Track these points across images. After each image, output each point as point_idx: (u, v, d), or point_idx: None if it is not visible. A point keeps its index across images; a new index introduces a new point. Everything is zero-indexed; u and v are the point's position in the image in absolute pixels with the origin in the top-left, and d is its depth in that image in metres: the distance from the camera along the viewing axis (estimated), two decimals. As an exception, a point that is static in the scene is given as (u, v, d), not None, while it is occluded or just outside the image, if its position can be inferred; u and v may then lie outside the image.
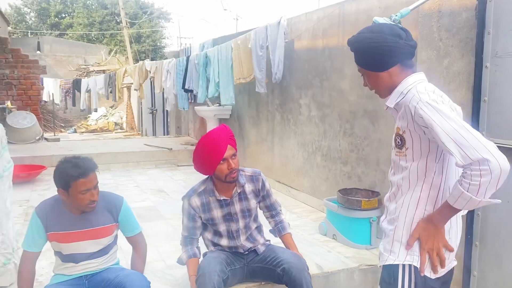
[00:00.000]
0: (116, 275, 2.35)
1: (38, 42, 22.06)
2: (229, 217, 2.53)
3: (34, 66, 7.88)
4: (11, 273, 2.71)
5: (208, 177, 2.55)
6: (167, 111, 10.34)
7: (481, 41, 2.49)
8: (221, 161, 2.35)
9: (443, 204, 1.57)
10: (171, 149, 7.11)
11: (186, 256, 2.55)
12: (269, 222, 2.77)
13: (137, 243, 2.52)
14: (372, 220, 3.36)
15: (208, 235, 2.62)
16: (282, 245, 2.73)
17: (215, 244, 2.61)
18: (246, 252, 2.60)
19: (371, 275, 3.12)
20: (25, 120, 7.26)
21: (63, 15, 32.74)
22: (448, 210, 1.55)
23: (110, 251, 2.41)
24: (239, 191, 2.52)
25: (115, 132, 15.07)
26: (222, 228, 2.54)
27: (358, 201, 3.34)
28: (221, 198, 2.49)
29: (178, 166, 7.02)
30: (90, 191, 2.16)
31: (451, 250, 1.64)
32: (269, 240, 2.75)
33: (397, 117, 1.68)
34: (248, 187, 2.55)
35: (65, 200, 2.22)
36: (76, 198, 2.16)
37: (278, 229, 2.73)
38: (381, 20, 2.15)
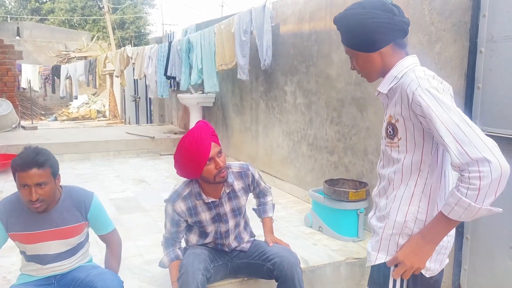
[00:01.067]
0: (87, 273, 2.19)
1: (18, 28, 21.39)
2: (218, 218, 2.35)
3: (10, 51, 7.55)
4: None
5: (191, 179, 2.34)
6: (150, 98, 10.09)
7: (476, 25, 2.36)
8: (208, 162, 2.13)
9: (436, 216, 1.40)
10: (154, 137, 6.91)
11: (168, 260, 2.36)
12: (256, 202, 2.65)
13: (111, 242, 2.34)
14: (360, 212, 3.25)
15: (194, 237, 2.44)
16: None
17: (200, 238, 2.45)
18: (228, 250, 2.45)
19: (358, 268, 3.02)
20: (0, 107, 6.97)
21: (44, 0, 31.84)
22: (443, 223, 1.37)
23: (80, 251, 2.24)
24: (227, 191, 2.32)
25: (98, 120, 14.74)
26: (210, 229, 2.37)
27: (346, 192, 3.22)
28: (209, 201, 2.29)
29: (160, 155, 6.83)
30: (29, 188, 1.93)
31: (421, 269, 1.47)
32: (254, 236, 2.61)
33: (390, 104, 1.51)
34: (238, 185, 2.37)
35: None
36: (20, 193, 1.97)
37: (259, 211, 2.63)
38: (372, 0, 2.01)
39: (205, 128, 2.18)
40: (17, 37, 19.74)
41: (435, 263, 1.50)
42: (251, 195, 2.56)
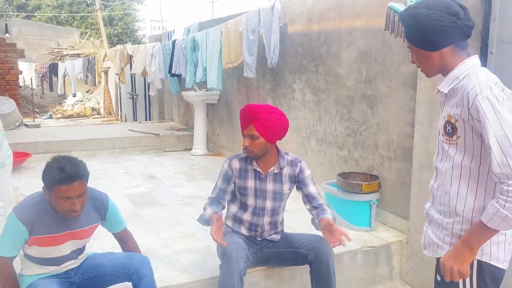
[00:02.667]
0: (109, 259, 2.34)
1: (6, 25, 21.19)
2: (259, 193, 2.55)
3: (12, 49, 7.57)
4: (15, 261, 2.65)
5: None
6: (149, 96, 10.16)
7: (487, 27, 2.55)
8: (243, 135, 2.48)
9: (477, 223, 1.50)
10: (158, 134, 7.02)
11: (211, 211, 2.50)
12: (311, 214, 2.62)
13: (128, 237, 2.48)
14: (372, 203, 3.44)
15: (234, 207, 2.64)
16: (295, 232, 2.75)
17: (236, 219, 2.62)
18: (261, 239, 2.62)
19: (373, 256, 3.20)
20: (4, 105, 7.01)
21: (31, -4, 31.46)
22: (482, 231, 1.48)
23: (84, 250, 2.37)
24: (276, 171, 2.54)
25: (92, 118, 14.74)
26: (251, 201, 2.55)
27: (359, 185, 3.40)
28: (257, 169, 2.53)
29: (165, 151, 6.95)
30: (71, 200, 2.01)
31: (465, 277, 1.56)
32: (283, 229, 2.76)
33: (449, 104, 1.59)
34: (286, 171, 2.57)
35: (48, 201, 2.10)
36: (56, 203, 2.04)
37: (317, 214, 2.51)
38: (397, 5, 2.17)
39: (244, 111, 2.48)
40: (7, 34, 19.56)
41: (505, 253, 1.58)
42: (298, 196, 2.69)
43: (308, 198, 2.59)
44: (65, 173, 1.98)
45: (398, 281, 3.27)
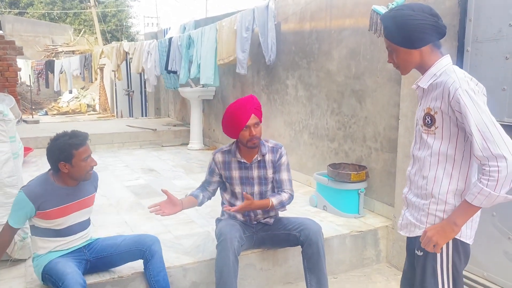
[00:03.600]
0: (122, 239, 2.59)
1: (-1, 21, 21.15)
2: (246, 180, 2.77)
3: (10, 47, 7.71)
4: (29, 247, 2.86)
5: (235, 140, 2.78)
6: (145, 92, 10.34)
7: (463, 27, 2.78)
8: (244, 128, 2.59)
9: (462, 202, 1.68)
10: (156, 129, 7.22)
11: (190, 192, 2.87)
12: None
13: None
14: (360, 192, 3.67)
15: (227, 195, 2.86)
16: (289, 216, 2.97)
17: (231, 206, 2.82)
18: (255, 223, 2.84)
19: (361, 240, 3.43)
20: (3, 102, 7.14)
21: (23, -7, 31.33)
22: (466, 209, 1.66)
23: (90, 223, 2.65)
24: (259, 158, 2.76)
25: (88, 114, 14.87)
26: (238, 190, 2.77)
27: (348, 174, 3.63)
28: (242, 160, 2.74)
29: (162, 146, 7.15)
30: (90, 157, 2.40)
31: (437, 251, 1.74)
32: (277, 213, 2.96)
33: (428, 98, 1.77)
34: (268, 157, 2.78)
35: (67, 173, 2.35)
36: (79, 166, 2.34)
37: (278, 191, 2.81)
38: (380, 8, 2.39)
39: (250, 101, 2.62)
40: (0, 32, 19.56)
41: (471, 230, 1.79)
42: None
43: (277, 183, 2.82)
44: (79, 137, 2.35)
45: (384, 264, 3.51)
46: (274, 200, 2.71)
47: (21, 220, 2.37)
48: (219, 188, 2.92)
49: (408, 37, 1.72)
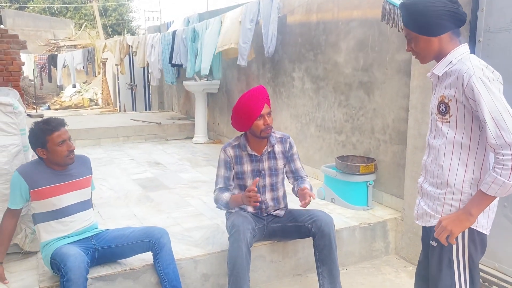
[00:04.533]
0: (131, 231, 2.61)
1: (0, 16, 21.09)
2: (257, 173, 2.76)
3: (14, 41, 7.64)
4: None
5: (242, 134, 2.78)
6: (148, 86, 10.32)
7: (475, 17, 2.76)
8: (258, 117, 2.59)
9: (477, 192, 1.67)
10: (160, 123, 7.21)
11: (228, 194, 2.74)
12: (292, 184, 2.92)
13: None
14: (369, 184, 3.66)
15: (236, 191, 2.83)
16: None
17: None
18: (266, 215, 2.84)
19: (370, 232, 3.43)
20: (8, 96, 7.13)
21: (23, -13, 31.25)
22: (481, 199, 1.65)
23: (90, 208, 2.69)
24: (269, 150, 2.76)
25: (91, 109, 14.86)
26: (249, 183, 2.76)
27: (357, 167, 3.62)
28: (252, 153, 2.74)
29: (167, 140, 7.15)
30: (66, 142, 2.43)
31: (452, 242, 1.72)
32: (287, 205, 2.97)
33: (442, 86, 1.75)
34: (278, 148, 2.79)
35: (46, 158, 2.45)
36: (55, 151, 2.41)
37: (298, 184, 2.83)
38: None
39: (262, 91, 2.64)
40: (1, 26, 19.51)
41: (488, 220, 1.77)
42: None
43: (293, 173, 2.88)
44: (52, 123, 2.44)
45: (393, 256, 3.51)
46: (308, 187, 2.72)
47: (17, 200, 2.45)
48: None
49: (427, 24, 1.70)
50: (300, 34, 4.73)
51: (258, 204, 2.52)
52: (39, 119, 2.53)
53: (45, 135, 2.40)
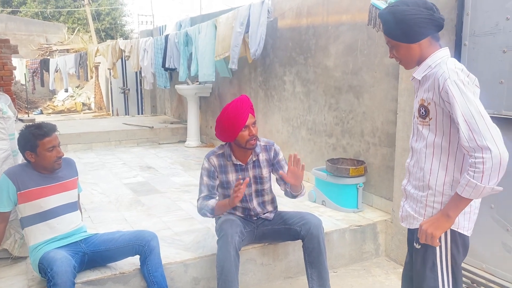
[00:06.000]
0: (120, 234, 2.61)
1: (-8, 20, 20.98)
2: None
3: (5, 45, 7.62)
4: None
5: (226, 143, 2.76)
6: (141, 90, 10.32)
7: (461, 22, 2.79)
8: (243, 128, 2.57)
9: (453, 195, 1.70)
10: (153, 127, 7.21)
11: (213, 201, 2.69)
12: (285, 189, 2.86)
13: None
14: (359, 186, 3.69)
15: (220, 198, 2.83)
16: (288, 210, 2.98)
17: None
18: (256, 218, 2.85)
19: (360, 234, 3.46)
20: (0, 100, 7.11)
21: (16, -9, 31.13)
22: (457, 201, 1.68)
23: (77, 208, 2.69)
24: (254, 159, 2.75)
25: (83, 113, 14.81)
26: None
27: (347, 169, 3.64)
28: (237, 163, 2.72)
29: (159, 144, 7.15)
30: (55, 148, 2.47)
31: (434, 244, 1.77)
32: (277, 207, 2.97)
33: (422, 89, 1.79)
34: (262, 156, 2.78)
35: (34, 162, 2.47)
36: (44, 156, 2.44)
37: (288, 184, 2.76)
38: (378, 3, 2.40)
39: (246, 101, 2.61)
40: (-6, 30, 19.41)
41: (469, 222, 1.80)
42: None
43: (283, 179, 2.76)
44: (44, 128, 2.45)
45: (383, 258, 3.53)
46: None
47: (5, 202, 2.45)
48: None
49: (405, 32, 1.74)
50: (290, 38, 4.76)
51: (241, 197, 2.47)
52: (31, 123, 2.55)
53: (36, 139, 2.42)
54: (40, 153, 2.43)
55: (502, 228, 2.71)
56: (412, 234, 1.94)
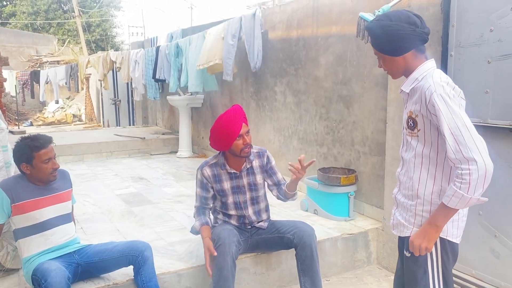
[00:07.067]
0: (114, 245, 2.62)
1: (-19, 33, 20.91)
2: (237, 189, 2.80)
3: (-5, 57, 7.64)
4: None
5: (220, 152, 2.81)
6: (132, 101, 10.32)
7: (447, 33, 2.87)
8: (237, 137, 2.62)
9: (439, 205, 1.74)
10: (144, 138, 7.21)
11: (199, 224, 2.79)
12: (278, 194, 2.94)
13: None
14: (350, 195, 3.73)
15: (219, 204, 2.87)
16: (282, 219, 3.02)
17: (224, 214, 2.86)
18: (250, 227, 2.88)
19: (352, 242, 3.49)
20: (-11, 113, 7.07)
21: (5, 3, 31.09)
22: (444, 211, 1.72)
23: (71, 220, 2.70)
24: (248, 166, 2.80)
25: (74, 124, 14.75)
26: (230, 200, 2.81)
27: (338, 178, 3.69)
28: (231, 171, 2.77)
29: (151, 154, 7.15)
30: (51, 160, 2.47)
31: (429, 251, 1.82)
32: (269, 216, 3.01)
33: (411, 102, 1.83)
34: (256, 163, 2.84)
35: (29, 174, 2.47)
36: (40, 168, 2.44)
37: (281, 189, 2.89)
38: (366, 15, 2.47)
39: (239, 111, 2.67)
40: (-18, 42, 19.32)
41: (458, 230, 1.85)
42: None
43: (276, 185, 2.94)
44: (40, 140, 2.46)
45: (375, 265, 3.57)
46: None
47: (1, 213, 2.45)
48: None
49: (389, 46, 1.80)
50: (281, 50, 4.83)
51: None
52: (26, 135, 2.55)
53: (32, 151, 2.42)
54: (36, 165, 2.43)
55: (490, 235, 2.77)
56: (403, 242, 1.98)
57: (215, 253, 2.54)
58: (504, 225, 2.70)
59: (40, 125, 14.55)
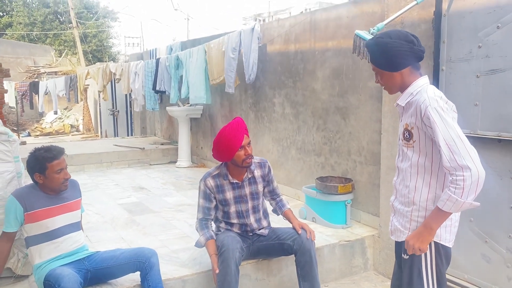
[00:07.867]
0: (121, 252, 2.73)
1: (-21, 44, 21.05)
2: (239, 199, 2.92)
3: (-3, 69, 7.74)
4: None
5: (222, 163, 2.93)
6: (131, 112, 10.44)
7: (438, 49, 3.03)
8: (239, 148, 2.75)
9: (435, 208, 1.87)
10: (144, 148, 7.32)
11: (204, 239, 2.88)
12: (271, 204, 3.19)
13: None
14: (347, 203, 3.86)
15: (221, 214, 2.99)
16: (281, 226, 3.14)
17: (226, 223, 2.98)
18: (251, 234, 2.99)
19: (349, 249, 3.61)
20: (-9, 123, 7.16)
21: (1, 14, 31.28)
22: (438, 215, 1.84)
23: (80, 228, 2.81)
24: (249, 176, 2.93)
25: (72, 135, 14.83)
26: (233, 209, 2.93)
27: (335, 187, 3.82)
28: (234, 181, 2.89)
29: (150, 165, 7.26)
30: (63, 171, 2.58)
31: (424, 252, 1.93)
32: (270, 223, 3.14)
33: (406, 115, 1.98)
34: (257, 173, 2.97)
35: (42, 183, 2.58)
36: (53, 178, 2.56)
37: (279, 207, 3.15)
38: (362, 33, 2.62)
39: (241, 123, 2.81)
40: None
41: (451, 234, 1.98)
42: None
43: (271, 193, 3.12)
44: (53, 151, 2.58)
45: (372, 271, 3.69)
46: (288, 206, 3.16)
47: (12, 223, 2.55)
48: None
49: (388, 62, 1.95)
50: (279, 63, 4.99)
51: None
52: (40, 146, 2.67)
53: (45, 162, 2.53)
54: (49, 175, 2.54)
55: (481, 240, 2.90)
56: (400, 246, 2.11)
57: (217, 271, 2.65)
58: (494, 231, 2.83)
59: (37, 135, 14.61)
